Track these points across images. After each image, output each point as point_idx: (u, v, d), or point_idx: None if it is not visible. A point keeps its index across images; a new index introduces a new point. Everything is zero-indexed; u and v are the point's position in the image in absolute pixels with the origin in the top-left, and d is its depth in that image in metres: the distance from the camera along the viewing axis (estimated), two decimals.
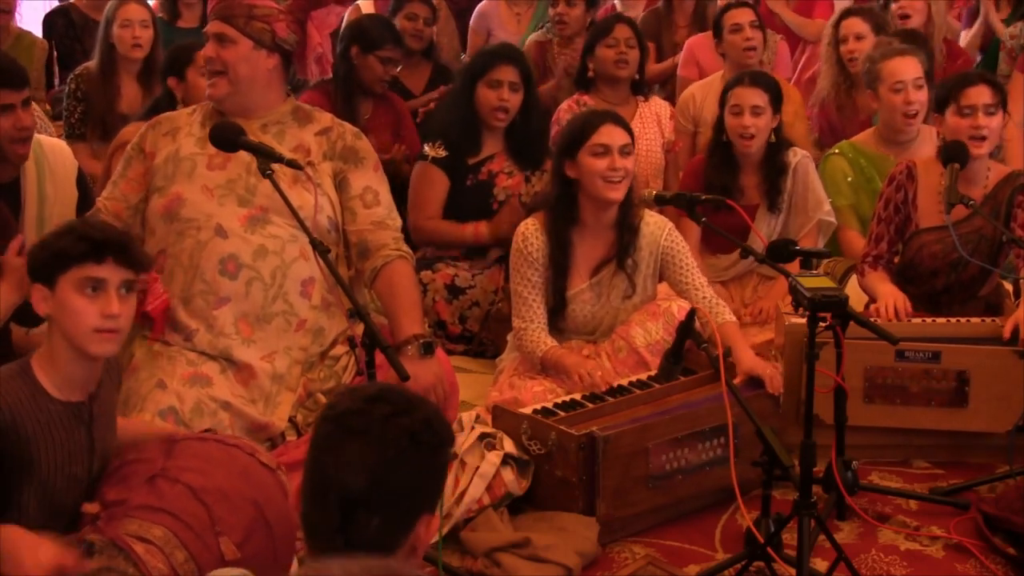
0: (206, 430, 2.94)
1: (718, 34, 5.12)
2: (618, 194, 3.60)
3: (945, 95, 3.73)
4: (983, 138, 3.62)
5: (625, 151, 3.60)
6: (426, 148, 4.52)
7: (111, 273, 2.43)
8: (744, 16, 5.04)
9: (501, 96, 4.41)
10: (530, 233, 3.66)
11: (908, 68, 4.31)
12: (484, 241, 4.44)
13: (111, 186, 3.40)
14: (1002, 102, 3.69)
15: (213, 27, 3.32)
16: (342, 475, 1.76)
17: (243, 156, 3.26)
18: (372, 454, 1.76)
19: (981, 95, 3.64)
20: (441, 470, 1.86)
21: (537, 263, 3.65)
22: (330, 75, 5.14)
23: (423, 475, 1.81)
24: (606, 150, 3.58)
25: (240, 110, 3.32)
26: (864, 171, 4.35)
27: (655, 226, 3.71)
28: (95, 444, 2.55)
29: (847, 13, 5.12)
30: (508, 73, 4.42)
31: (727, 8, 5.11)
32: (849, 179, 4.37)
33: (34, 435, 2.41)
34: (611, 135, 3.60)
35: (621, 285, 3.70)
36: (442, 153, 4.47)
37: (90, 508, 2.55)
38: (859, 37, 5.02)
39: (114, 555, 2.41)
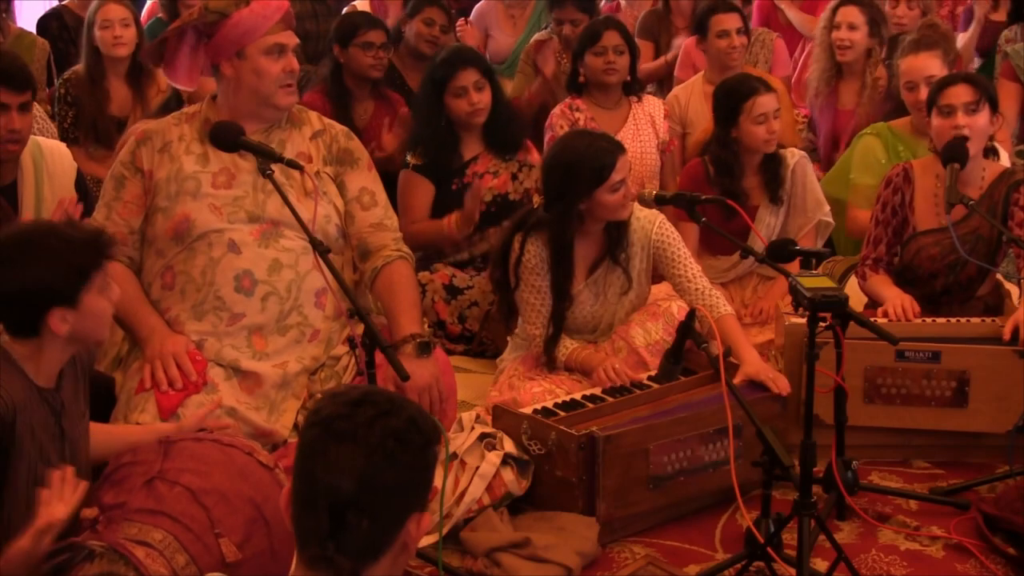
0: (200, 430, 2.93)
1: (702, 33, 5.11)
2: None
3: (930, 98, 3.73)
4: (966, 138, 3.60)
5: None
6: (408, 156, 4.53)
7: None
8: (732, 22, 5.03)
9: (471, 101, 4.44)
10: (530, 243, 3.66)
11: (921, 66, 4.30)
12: (456, 229, 4.41)
13: (105, 208, 3.31)
14: (988, 100, 3.66)
15: (292, 38, 3.27)
16: (330, 480, 1.76)
17: (248, 173, 3.24)
18: (359, 457, 1.76)
19: (960, 94, 3.63)
20: (428, 468, 1.85)
21: (541, 271, 3.65)
22: None
23: (411, 474, 1.81)
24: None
25: (268, 119, 3.30)
26: (900, 155, 4.32)
27: (646, 220, 3.69)
28: (64, 432, 2.54)
29: (847, 1, 5.10)
30: (469, 76, 4.44)
31: (714, 10, 5.09)
32: (883, 161, 4.34)
33: (25, 426, 2.42)
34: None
35: (617, 282, 3.70)
36: (421, 161, 4.49)
37: (88, 513, 2.54)
38: (852, 27, 5.03)
39: (114, 560, 2.40)
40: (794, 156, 4.25)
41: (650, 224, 3.68)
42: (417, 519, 1.82)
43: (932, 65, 4.30)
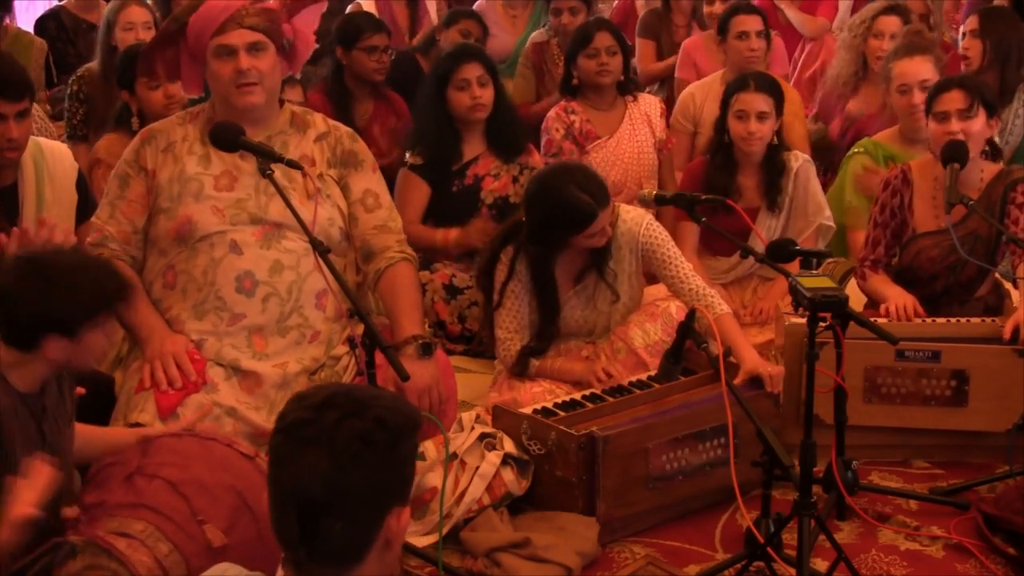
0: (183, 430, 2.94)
1: (723, 33, 5.09)
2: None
3: (927, 102, 3.75)
4: (960, 142, 3.60)
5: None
6: (407, 156, 4.53)
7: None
8: (752, 24, 5.01)
9: (473, 95, 4.42)
10: (518, 262, 3.64)
11: (915, 70, 4.31)
12: (451, 248, 4.44)
13: (109, 207, 3.31)
14: (984, 104, 3.66)
15: (244, 37, 3.19)
16: (297, 486, 1.76)
17: (250, 175, 3.23)
18: (324, 462, 1.75)
19: (953, 100, 3.64)
20: (402, 464, 1.83)
21: (524, 279, 3.63)
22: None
23: (381, 474, 1.79)
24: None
25: (256, 120, 3.27)
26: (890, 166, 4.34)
27: (632, 222, 3.66)
28: (45, 436, 2.54)
29: (889, 10, 5.06)
30: (473, 70, 4.43)
31: (735, 11, 5.08)
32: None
33: (9, 431, 2.42)
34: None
35: (607, 290, 3.69)
36: (420, 160, 4.47)
37: (70, 512, 2.55)
38: (894, 37, 5.00)
39: (97, 553, 2.41)
40: (797, 160, 4.25)
41: (637, 226, 3.65)
42: (397, 514, 1.81)
43: (925, 69, 4.30)
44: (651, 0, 6.50)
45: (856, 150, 4.48)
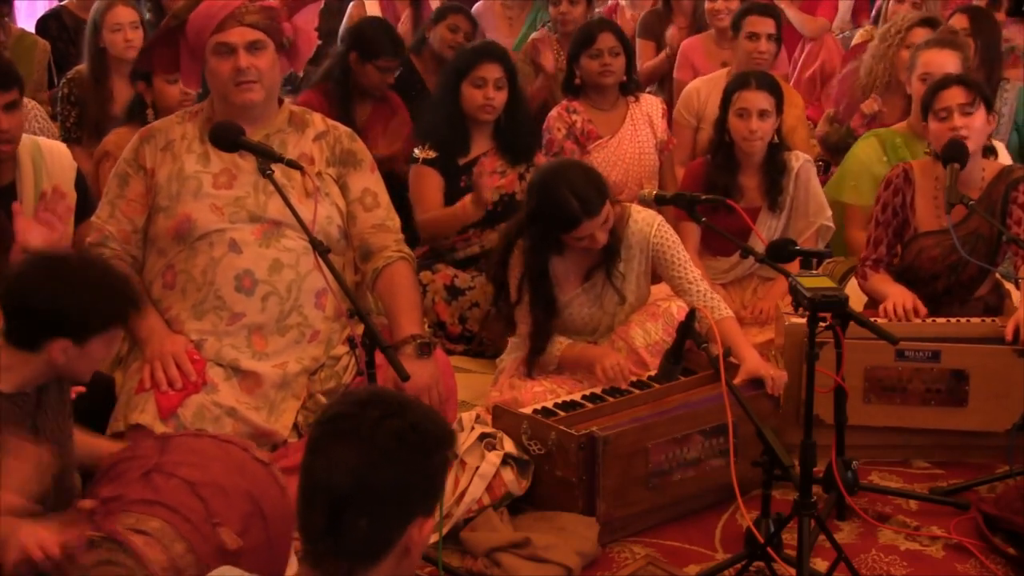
0: (198, 430, 2.94)
1: (735, 30, 5.08)
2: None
3: (925, 103, 3.74)
4: (964, 138, 3.60)
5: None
6: (416, 151, 4.52)
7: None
8: (763, 26, 4.98)
9: (487, 94, 4.42)
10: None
11: (941, 62, 4.27)
12: (470, 212, 4.34)
13: (109, 206, 3.32)
14: (983, 100, 3.67)
15: (243, 35, 3.19)
16: (328, 477, 1.79)
17: (249, 173, 3.23)
18: (357, 455, 1.78)
19: (954, 96, 3.64)
20: (434, 473, 1.86)
21: None
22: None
23: (410, 476, 1.81)
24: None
25: (254, 118, 3.27)
26: (898, 153, 4.32)
27: (644, 223, 3.66)
28: (40, 430, 2.53)
29: (924, 22, 4.97)
30: (492, 71, 4.42)
31: (750, 11, 5.06)
32: (884, 159, 4.34)
33: None
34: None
35: (614, 291, 3.70)
36: (432, 154, 4.47)
37: (85, 504, 2.55)
38: None
39: (113, 548, 2.41)
40: (798, 160, 4.24)
41: (648, 227, 3.66)
42: (420, 524, 1.83)
43: (951, 64, 4.27)
44: (636, 2, 6.50)
45: (869, 135, 4.47)
